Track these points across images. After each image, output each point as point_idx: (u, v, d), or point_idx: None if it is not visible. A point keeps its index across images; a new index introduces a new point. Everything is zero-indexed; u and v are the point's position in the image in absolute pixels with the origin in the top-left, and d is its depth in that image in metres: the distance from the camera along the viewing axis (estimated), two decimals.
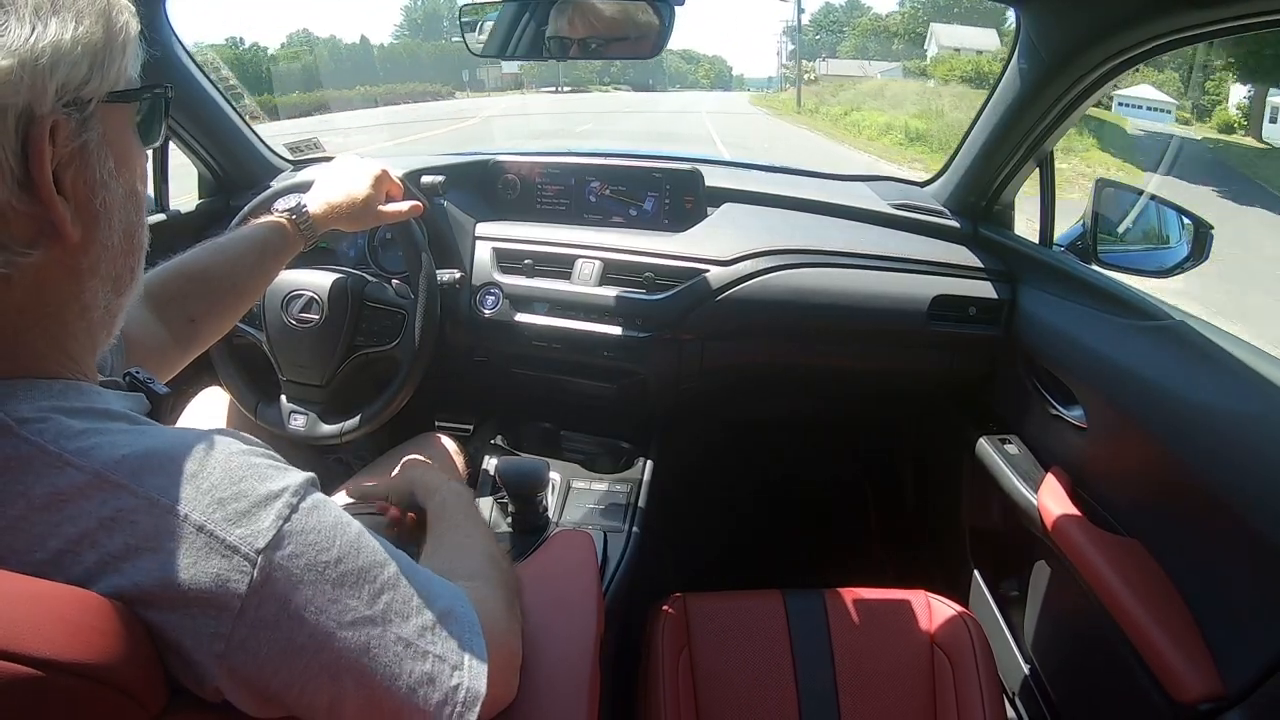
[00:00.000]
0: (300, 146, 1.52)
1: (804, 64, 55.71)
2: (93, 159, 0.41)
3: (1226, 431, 0.77)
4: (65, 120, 0.39)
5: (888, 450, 1.72)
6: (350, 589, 0.42)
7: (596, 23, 0.95)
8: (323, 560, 0.41)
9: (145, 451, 0.39)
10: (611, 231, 1.30)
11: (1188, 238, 1.05)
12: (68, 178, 0.40)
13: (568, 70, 56.33)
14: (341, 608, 0.41)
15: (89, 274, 0.43)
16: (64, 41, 0.38)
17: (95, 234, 0.42)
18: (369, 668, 0.42)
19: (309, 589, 0.40)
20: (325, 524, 0.42)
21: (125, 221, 0.44)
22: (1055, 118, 1.03)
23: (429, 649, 0.45)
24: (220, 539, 0.38)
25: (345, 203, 0.93)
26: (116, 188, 0.43)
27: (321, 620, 0.40)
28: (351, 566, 0.42)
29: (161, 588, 0.37)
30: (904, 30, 53.82)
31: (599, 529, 1.09)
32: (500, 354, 1.29)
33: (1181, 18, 0.78)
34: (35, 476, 0.37)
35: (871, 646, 0.99)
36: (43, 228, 0.39)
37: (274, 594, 0.39)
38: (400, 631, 0.44)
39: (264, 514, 0.40)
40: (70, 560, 0.37)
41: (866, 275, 1.20)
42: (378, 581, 0.44)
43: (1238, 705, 0.72)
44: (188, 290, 0.79)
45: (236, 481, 0.40)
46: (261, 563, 0.38)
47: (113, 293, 0.45)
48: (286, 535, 0.40)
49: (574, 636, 0.70)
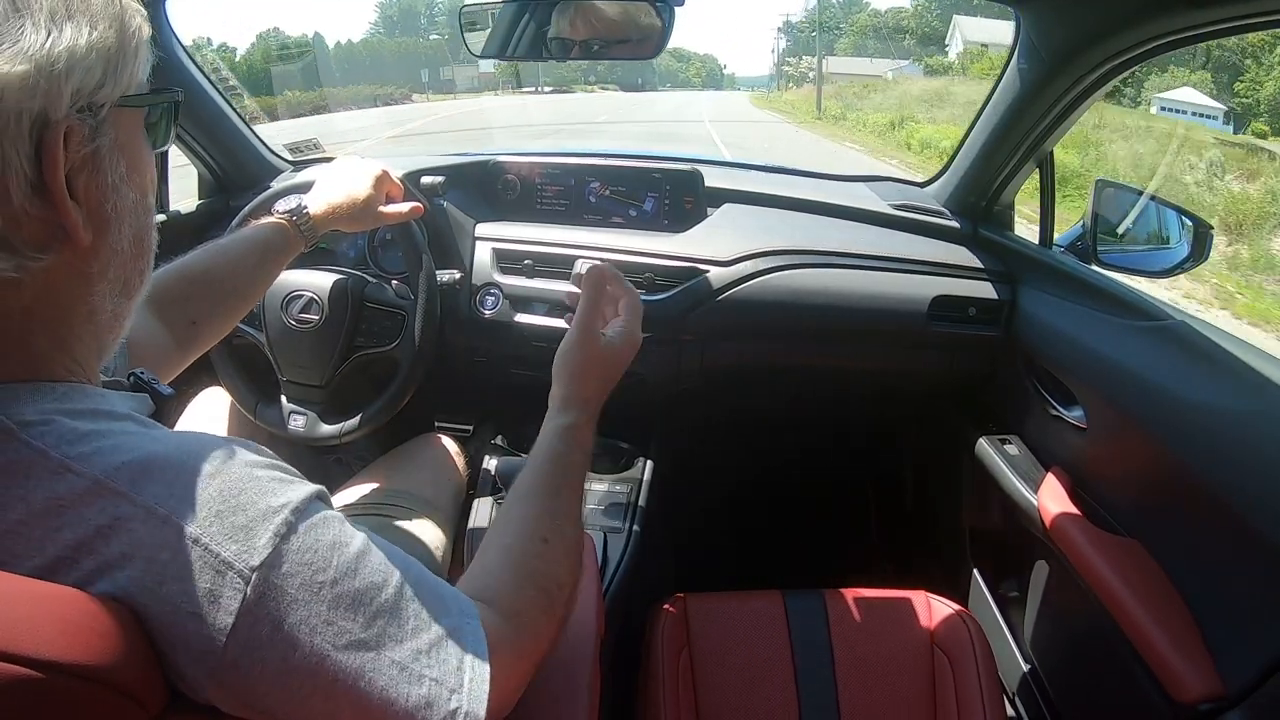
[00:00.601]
0: (300, 147, 1.52)
1: (798, 61, 52.10)
2: (105, 164, 0.41)
3: (1226, 431, 0.77)
4: (79, 125, 0.39)
5: (888, 450, 1.71)
6: (346, 611, 0.41)
7: (598, 24, 0.95)
8: (319, 581, 0.40)
9: (146, 458, 0.39)
10: (611, 232, 1.30)
11: (1188, 238, 1.05)
12: (80, 182, 0.40)
13: (550, 69, 51.82)
14: (337, 630, 0.40)
15: (98, 278, 0.43)
16: (79, 47, 0.38)
17: (106, 239, 0.42)
18: (364, 691, 0.41)
19: (304, 609, 0.39)
20: (324, 543, 0.41)
21: (135, 226, 0.44)
22: (1055, 118, 1.03)
23: (425, 673, 0.43)
24: (215, 554, 0.37)
25: (346, 204, 0.93)
26: (127, 193, 0.43)
27: (316, 642, 0.39)
28: (348, 588, 0.41)
29: (154, 599, 0.37)
30: (917, 26, 51.34)
31: (599, 529, 1.09)
32: (500, 354, 1.29)
33: (1181, 18, 0.78)
34: (35, 482, 0.37)
35: (871, 646, 0.99)
36: (54, 232, 0.39)
37: (268, 613, 0.38)
38: (395, 655, 0.42)
39: (261, 530, 0.39)
40: (68, 567, 0.37)
41: (866, 276, 1.20)
42: (374, 604, 0.42)
43: (1238, 705, 0.72)
44: (189, 293, 0.79)
45: (236, 495, 0.39)
46: (256, 580, 0.38)
47: (121, 296, 0.45)
48: (283, 554, 0.39)
49: (574, 637, 0.70)
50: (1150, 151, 11.80)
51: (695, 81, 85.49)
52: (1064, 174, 1.15)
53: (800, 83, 48.08)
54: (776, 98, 40.51)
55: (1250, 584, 0.73)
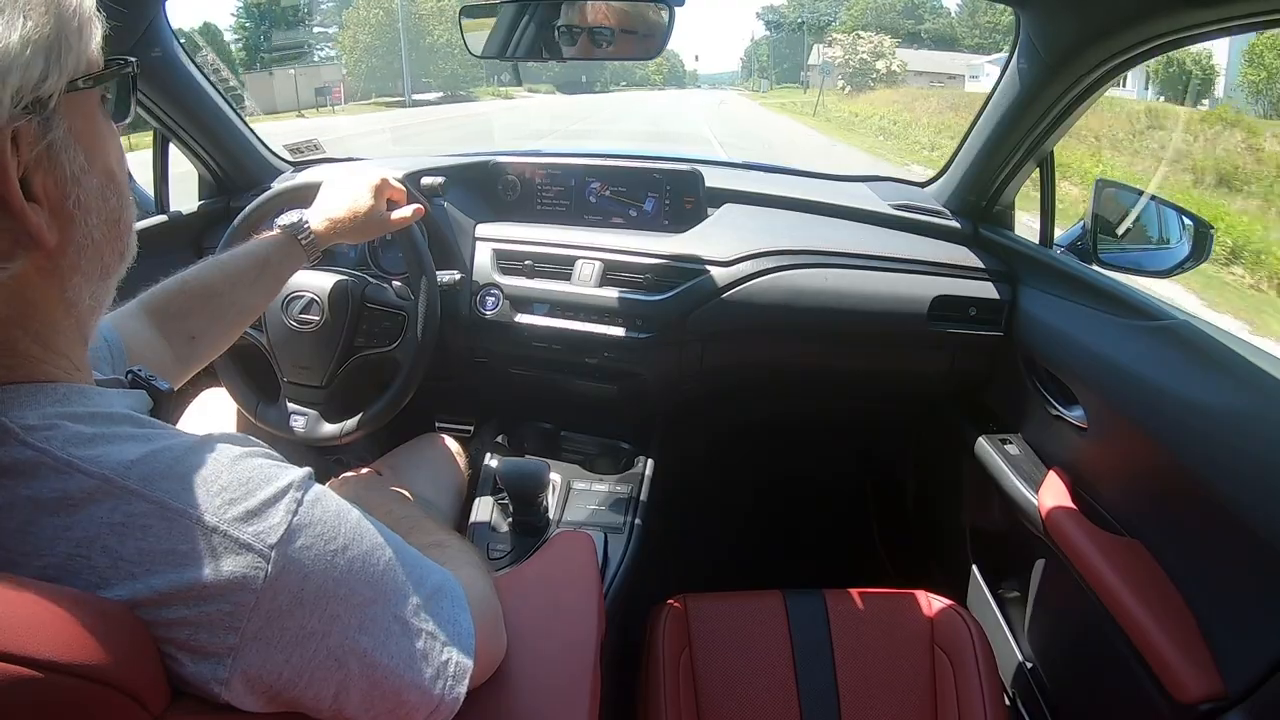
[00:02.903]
0: (300, 148, 1.52)
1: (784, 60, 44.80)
2: (61, 157, 0.39)
3: (1227, 432, 0.77)
4: (27, 126, 0.37)
5: (888, 450, 1.72)
6: (355, 574, 0.44)
7: (609, 14, 0.94)
8: (330, 549, 0.42)
9: (153, 456, 0.40)
10: (612, 232, 1.30)
11: (1188, 237, 1.05)
12: (37, 182, 0.38)
13: (450, 82, 36.02)
14: (347, 591, 0.43)
15: (70, 272, 0.42)
16: (12, 44, 0.36)
17: (72, 234, 0.41)
18: (369, 648, 0.44)
19: (319, 577, 0.41)
20: (330, 514, 0.44)
21: (105, 211, 0.43)
22: (1055, 118, 1.03)
23: (422, 626, 0.47)
24: (235, 538, 0.39)
25: (348, 217, 0.93)
26: (90, 181, 0.41)
27: (330, 606, 0.42)
28: (356, 552, 0.44)
29: (179, 590, 0.38)
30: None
31: (600, 530, 1.09)
32: (500, 355, 1.29)
33: (1181, 18, 0.78)
34: (42, 482, 0.37)
35: (871, 646, 0.99)
36: (18, 239, 0.38)
37: (287, 585, 0.40)
38: (397, 611, 0.46)
39: (273, 511, 0.41)
40: (80, 564, 0.37)
41: (867, 276, 1.20)
42: (380, 564, 0.45)
43: (1238, 705, 0.72)
44: (190, 307, 0.79)
45: (244, 482, 0.41)
46: (275, 557, 0.40)
47: (99, 280, 0.44)
48: (297, 529, 0.41)
49: (575, 638, 0.70)
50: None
51: (655, 79, 70.44)
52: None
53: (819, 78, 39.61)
54: (788, 98, 33.62)
55: (1251, 584, 0.74)
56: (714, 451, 1.62)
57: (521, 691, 0.60)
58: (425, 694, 0.47)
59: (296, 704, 0.42)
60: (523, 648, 0.65)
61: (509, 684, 0.63)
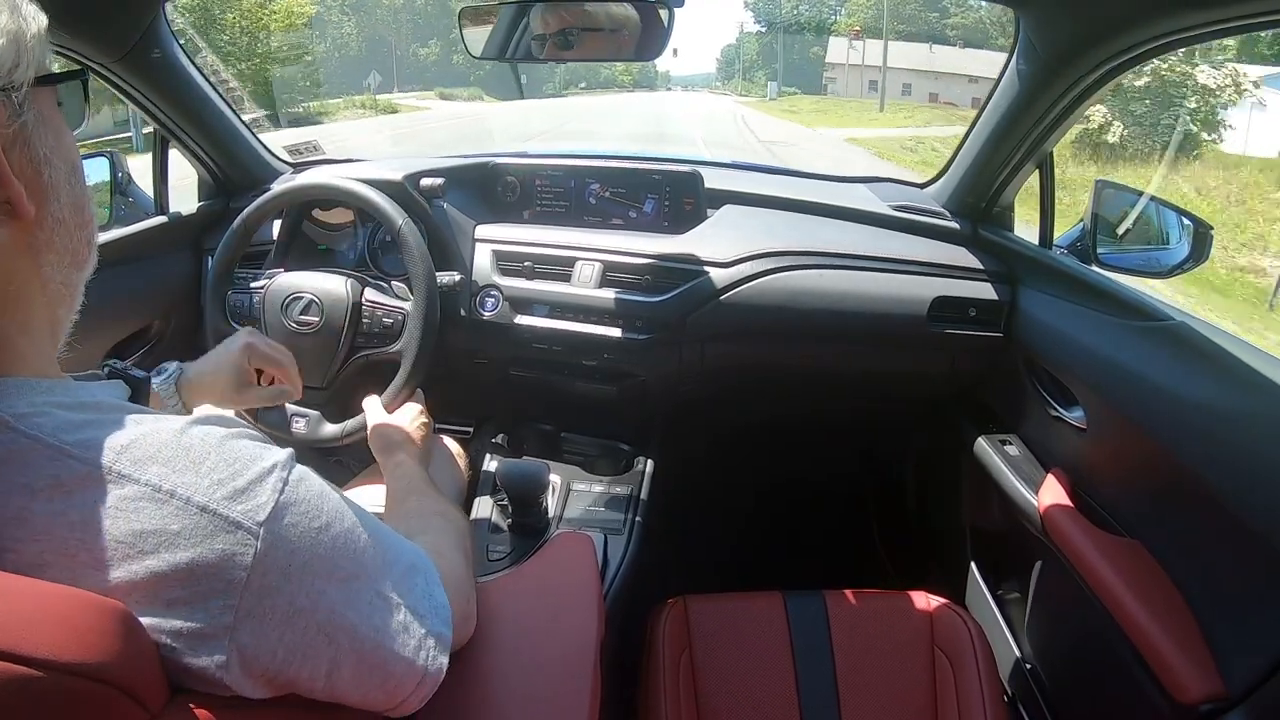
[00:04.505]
0: (300, 149, 1.52)
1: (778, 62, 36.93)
2: (34, 137, 0.43)
3: (1227, 432, 0.77)
4: (4, 104, 0.41)
5: (888, 451, 1.72)
6: (338, 550, 0.45)
7: (599, 15, 0.94)
8: (315, 526, 0.44)
9: (143, 440, 0.41)
10: (611, 233, 1.30)
11: (1188, 238, 1.05)
12: (15, 156, 0.42)
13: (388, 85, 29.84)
14: (331, 566, 0.44)
15: (45, 248, 0.45)
16: None
17: (46, 209, 0.44)
18: (355, 622, 0.45)
19: (305, 554, 0.43)
20: (313, 493, 0.45)
21: (71, 195, 0.46)
22: (1055, 118, 1.03)
23: (401, 600, 0.50)
24: (224, 517, 0.40)
25: (209, 382, 0.88)
26: (59, 164, 0.45)
27: (316, 582, 0.43)
28: (338, 530, 0.46)
29: (173, 571, 0.38)
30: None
31: (599, 531, 1.09)
32: (500, 356, 1.29)
33: (1181, 18, 0.78)
34: (35, 469, 0.38)
35: (871, 646, 0.99)
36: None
37: (276, 562, 0.41)
38: (378, 587, 0.48)
39: (260, 489, 0.42)
40: (75, 548, 0.38)
41: (866, 277, 1.20)
42: (360, 541, 0.47)
43: (1239, 705, 0.72)
44: None
45: (231, 462, 0.42)
46: (264, 534, 0.41)
47: (71, 267, 0.47)
48: (283, 506, 0.42)
49: (575, 639, 0.70)
50: None
51: (624, 79, 63.02)
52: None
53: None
54: (796, 104, 27.35)
55: (1251, 584, 0.74)
56: (714, 452, 1.62)
57: (522, 692, 0.59)
58: (410, 665, 0.49)
59: (293, 684, 0.43)
60: (523, 648, 0.65)
61: (510, 684, 0.63)
